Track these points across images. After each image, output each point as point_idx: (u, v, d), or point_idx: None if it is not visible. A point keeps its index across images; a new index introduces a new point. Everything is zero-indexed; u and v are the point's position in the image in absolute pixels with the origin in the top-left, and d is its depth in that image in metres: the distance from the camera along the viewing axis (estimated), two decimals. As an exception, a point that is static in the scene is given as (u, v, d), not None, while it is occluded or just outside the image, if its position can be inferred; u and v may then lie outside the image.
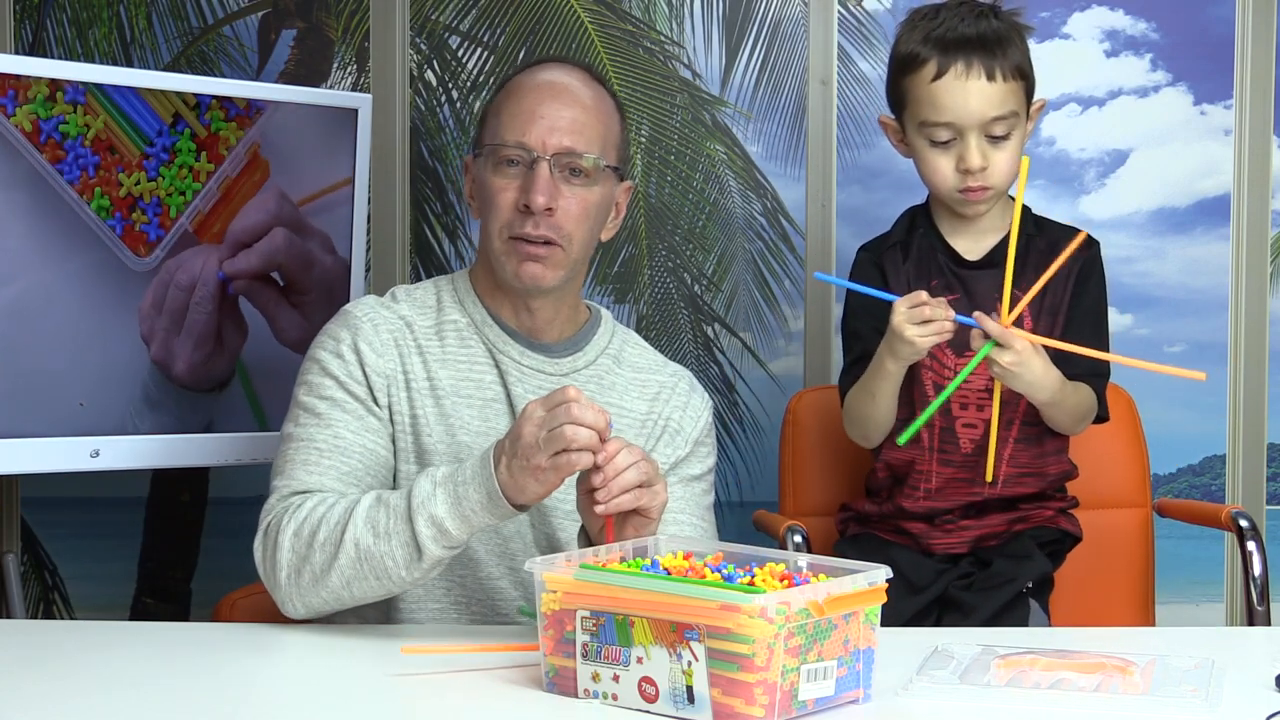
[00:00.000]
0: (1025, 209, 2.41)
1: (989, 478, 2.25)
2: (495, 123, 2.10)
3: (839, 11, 3.09)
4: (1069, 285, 2.34)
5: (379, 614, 2.06)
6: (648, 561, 1.66)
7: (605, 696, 1.57)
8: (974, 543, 2.35)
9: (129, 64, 3.11)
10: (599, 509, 1.79)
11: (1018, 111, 2.26)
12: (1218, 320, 3.10)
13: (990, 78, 2.23)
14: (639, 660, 1.54)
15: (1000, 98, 2.24)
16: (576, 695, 1.59)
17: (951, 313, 2.15)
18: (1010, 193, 2.38)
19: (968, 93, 2.23)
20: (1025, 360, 2.15)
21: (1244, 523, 2.44)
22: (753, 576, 1.58)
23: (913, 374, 2.34)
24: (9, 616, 2.94)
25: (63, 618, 3.16)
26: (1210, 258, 3.10)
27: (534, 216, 2.04)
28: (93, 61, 3.08)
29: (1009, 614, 2.27)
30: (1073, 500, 2.43)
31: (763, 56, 3.12)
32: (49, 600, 3.19)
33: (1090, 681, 1.61)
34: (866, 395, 2.29)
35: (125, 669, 1.76)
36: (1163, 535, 2.69)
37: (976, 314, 2.16)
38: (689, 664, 1.50)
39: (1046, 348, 2.22)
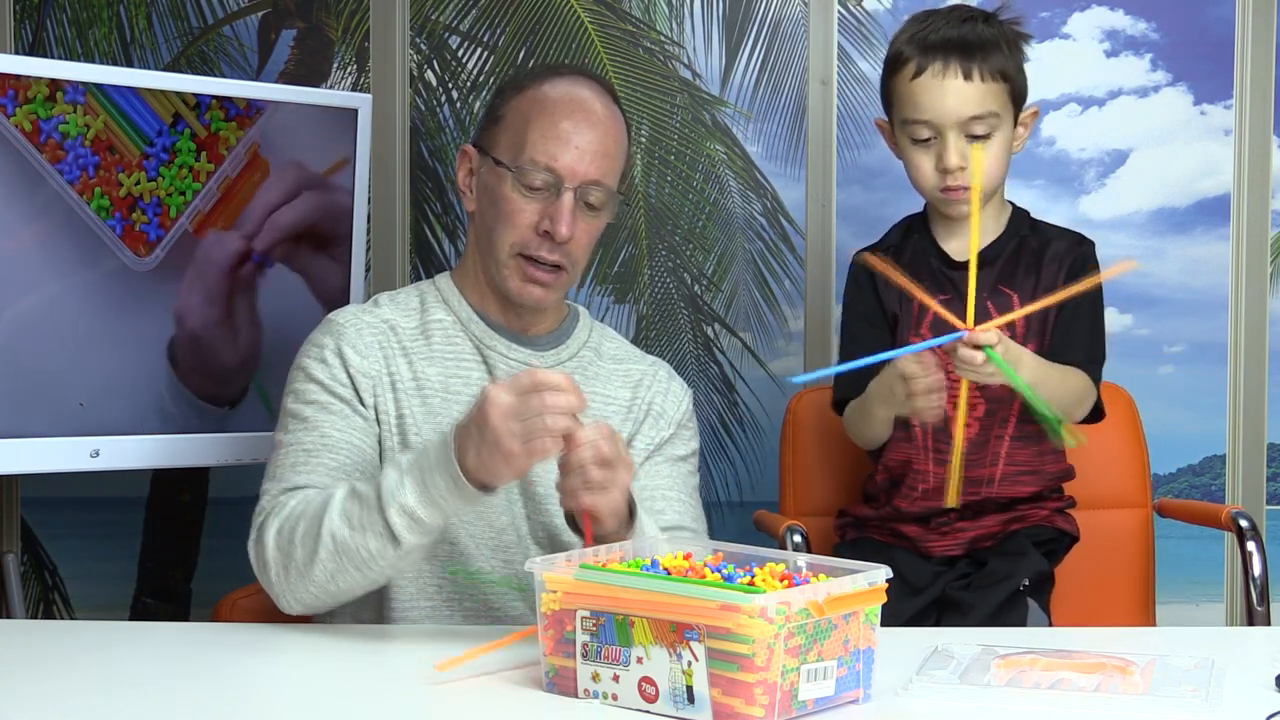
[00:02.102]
0: (1023, 211, 2.41)
1: (951, 502, 2.20)
2: (519, 136, 2.09)
3: (839, 11, 3.09)
4: (1059, 282, 2.34)
5: (373, 613, 2.07)
6: (647, 561, 1.66)
7: (605, 696, 1.57)
8: (970, 544, 2.36)
9: (129, 64, 3.11)
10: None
11: (998, 113, 2.27)
12: (1218, 320, 3.10)
13: (967, 77, 2.25)
14: (639, 660, 1.54)
15: (978, 97, 2.25)
16: (576, 695, 1.59)
17: (941, 376, 2.12)
18: (1003, 195, 2.39)
19: (944, 91, 2.25)
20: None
21: (1244, 523, 2.44)
22: (753, 576, 1.58)
23: None
24: (9, 616, 2.94)
25: (63, 618, 3.16)
26: (1210, 258, 3.10)
27: (550, 242, 2.07)
28: (93, 61, 3.08)
29: (1007, 613, 2.27)
30: (1069, 500, 2.43)
31: (763, 56, 3.12)
32: (49, 600, 3.19)
33: (1090, 681, 1.61)
34: (870, 417, 2.31)
35: (125, 669, 1.76)
36: (1163, 535, 2.68)
37: (926, 354, 2.12)
38: (689, 664, 1.50)
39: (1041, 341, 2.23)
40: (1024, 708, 1.56)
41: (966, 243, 2.36)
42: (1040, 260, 2.35)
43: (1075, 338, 2.31)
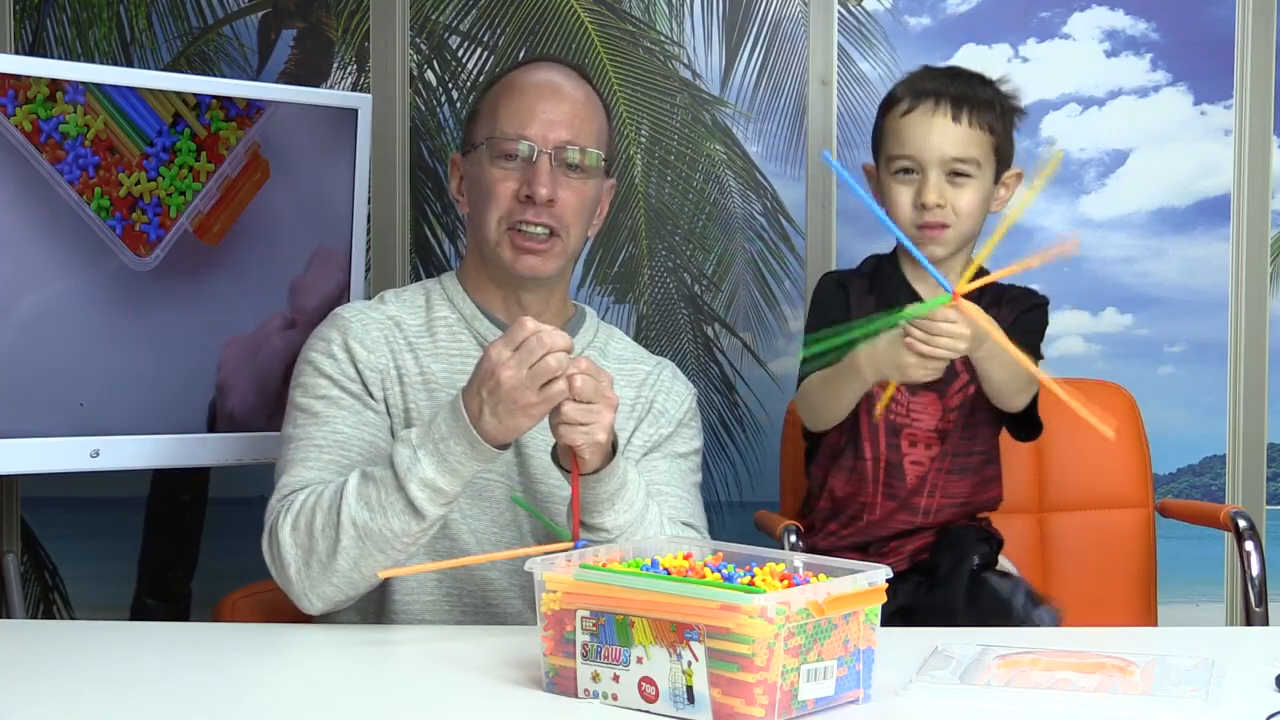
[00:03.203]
0: (986, 271, 2.42)
1: (878, 411, 2.28)
2: (492, 118, 2.14)
3: (839, 11, 3.09)
4: (1009, 324, 2.34)
5: (374, 605, 2.07)
6: (648, 561, 1.66)
7: (605, 696, 1.57)
8: (911, 557, 2.38)
9: (129, 64, 3.11)
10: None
11: (979, 161, 2.32)
12: (1218, 320, 3.10)
13: (955, 120, 2.31)
14: (639, 660, 1.54)
15: (963, 141, 2.30)
16: (576, 695, 1.59)
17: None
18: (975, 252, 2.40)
19: (931, 128, 2.30)
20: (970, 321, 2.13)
21: (1242, 523, 2.44)
22: (752, 576, 1.58)
23: (861, 403, 2.36)
24: (9, 616, 2.94)
25: (63, 618, 3.16)
26: (1210, 258, 3.10)
27: (535, 207, 2.09)
28: (93, 61, 3.08)
29: (978, 600, 2.28)
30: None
31: (763, 56, 3.12)
32: (49, 600, 3.19)
33: (1090, 681, 1.61)
34: (833, 392, 2.30)
35: (125, 669, 1.76)
36: (1163, 535, 2.69)
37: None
38: (689, 664, 1.50)
39: None
40: (1024, 708, 1.56)
41: (936, 289, 2.37)
42: (999, 306, 2.37)
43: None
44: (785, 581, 1.56)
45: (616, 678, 1.56)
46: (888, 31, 3.08)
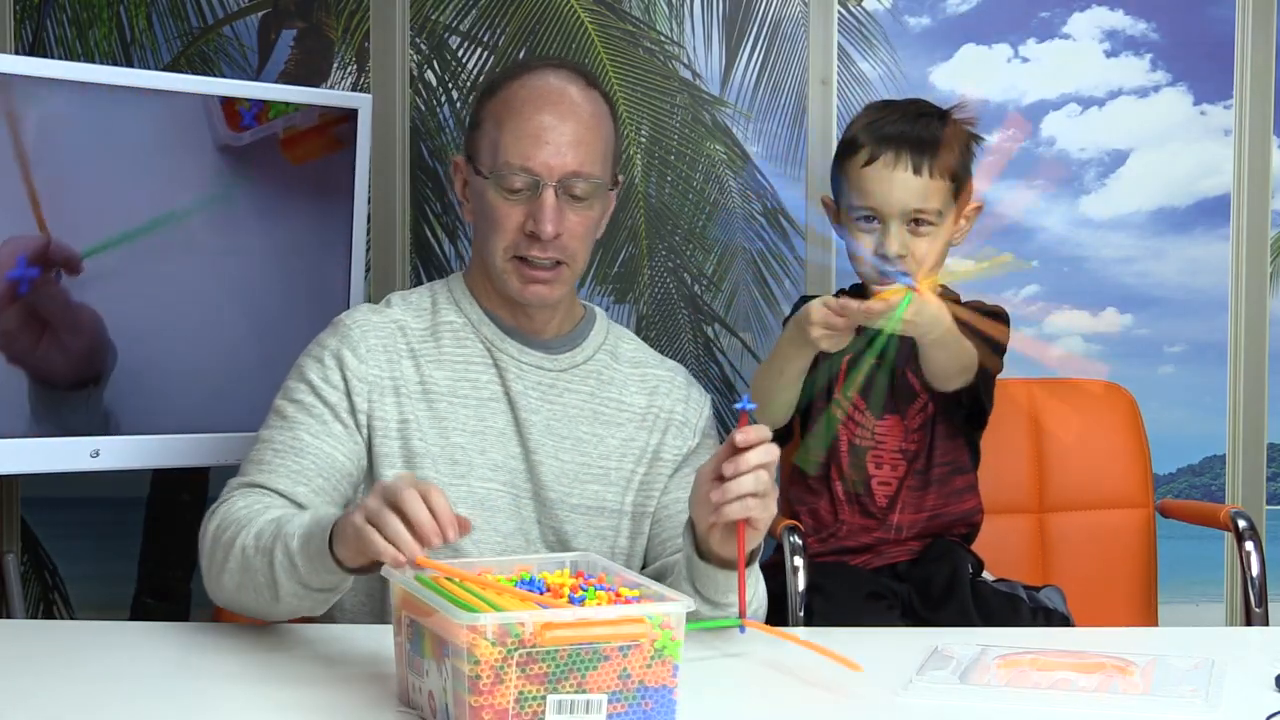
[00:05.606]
0: (953, 294, 2.44)
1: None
2: (495, 139, 2.09)
3: (839, 11, 3.09)
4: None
5: (374, 617, 2.07)
6: (526, 576, 1.58)
7: (420, 708, 1.52)
8: (883, 563, 2.38)
9: (129, 64, 3.11)
10: (718, 515, 1.78)
11: (941, 210, 2.32)
12: (1218, 320, 3.10)
13: (916, 172, 2.30)
14: (426, 673, 1.49)
15: (924, 193, 2.30)
16: (410, 705, 1.55)
17: (849, 332, 2.16)
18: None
19: (892, 183, 2.30)
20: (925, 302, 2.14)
21: (1242, 523, 2.44)
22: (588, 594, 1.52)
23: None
24: (9, 616, 2.94)
25: (63, 618, 3.16)
26: (1210, 258, 3.10)
27: (539, 242, 2.06)
28: (93, 61, 3.08)
29: (993, 606, 2.28)
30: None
31: (763, 56, 3.12)
32: (49, 600, 3.19)
33: (1090, 681, 1.61)
34: (775, 372, 2.30)
35: (125, 669, 1.76)
36: (1163, 535, 2.69)
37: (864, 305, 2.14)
38: (447, 681, 1.43)
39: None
40: (1024, 708, 1.56)
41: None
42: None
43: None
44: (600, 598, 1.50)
45: (419, 688, 1.51)
46: (888, 31, 3.08)
